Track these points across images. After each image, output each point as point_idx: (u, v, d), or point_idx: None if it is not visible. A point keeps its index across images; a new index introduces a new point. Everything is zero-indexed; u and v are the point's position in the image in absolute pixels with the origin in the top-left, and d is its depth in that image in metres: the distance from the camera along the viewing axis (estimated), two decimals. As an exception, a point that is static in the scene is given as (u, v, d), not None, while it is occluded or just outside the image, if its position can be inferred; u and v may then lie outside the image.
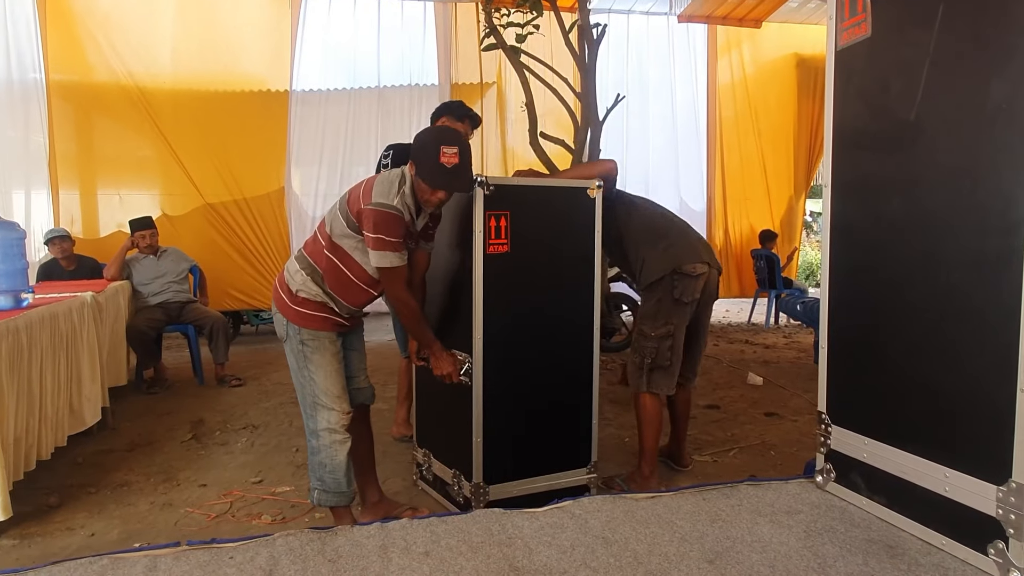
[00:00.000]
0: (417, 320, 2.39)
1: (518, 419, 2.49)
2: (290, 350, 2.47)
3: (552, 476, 2.51)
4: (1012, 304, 1.38)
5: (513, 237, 2.38)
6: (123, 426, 4.07)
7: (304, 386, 2.44)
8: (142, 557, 1.44)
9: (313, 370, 2.41)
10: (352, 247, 2.37)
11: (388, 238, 2.25)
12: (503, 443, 2.44)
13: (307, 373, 2.42)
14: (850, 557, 1.51)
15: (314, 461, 2.40)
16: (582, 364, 2.62)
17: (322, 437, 2.38)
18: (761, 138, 8.04)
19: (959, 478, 1.51)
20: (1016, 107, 1.36)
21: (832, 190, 1.85)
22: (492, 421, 2.41)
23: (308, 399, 2.43)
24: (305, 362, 2.42)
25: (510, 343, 2.46)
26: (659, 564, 1.47)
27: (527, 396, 2.51)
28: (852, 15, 1.75)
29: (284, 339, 2.48)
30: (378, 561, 1.45)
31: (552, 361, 2.56)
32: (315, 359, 2.41)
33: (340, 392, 2.43)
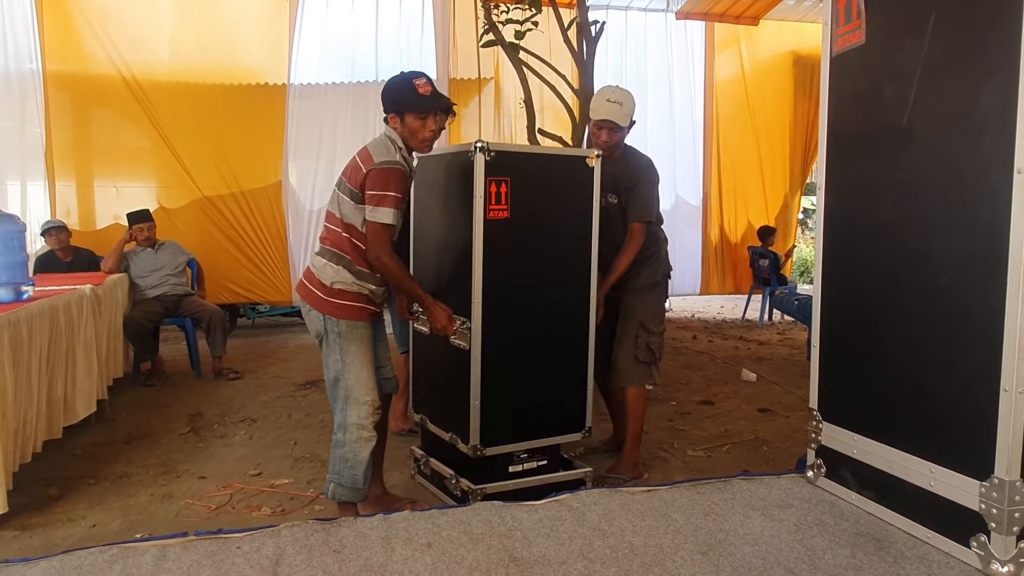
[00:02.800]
0: (404, 276, 2.44)
1: (515, 382, 2.54)
2: (327, 344, 2.50)
3: (548, 439, 2.60)
4: (997, 306, 1.43)
5: (513, 203, 2.44)
6: (121, 418, 4.09)
7: (339, 379, 2.48)
8: (151, 547, 1.47)
9: (349, 361, 2.45)
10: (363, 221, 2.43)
11: (394, 194, 2.33)
12: (500, 405, 2.49)
13: (343, 365, 2.46)
14: (839, 550, 1.56)
15: (336, 454, 2.43)
16: (578, 330, 2.67)
17: (350, 432, 2.41)
18: (757, 134, 8.08)
19: (944, 474, 1.56)
20: (1004, 116, 1.41)
21: (826, 191, 1.90)
22: (490, 383, 2.46)
23: (341, 392, 2.46)
24: (341, 354, 2.46)
25: (508, 307, 2.51)
26: (654, 555, 1.51)
27: (524, 360, 2.56)
28: (847, 22, 1.79)
29: (320, 335, 2.52)
30: (381, 552, 1.49)
31: (548, 327, 2.61)
32: (351, 349, 2.46)
33: (373, 384, 2.49)
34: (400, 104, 2.45)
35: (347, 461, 2.38)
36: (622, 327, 3.12)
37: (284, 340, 6.74)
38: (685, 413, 4.29)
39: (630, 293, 3.14)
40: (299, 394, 4.66)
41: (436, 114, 2.46)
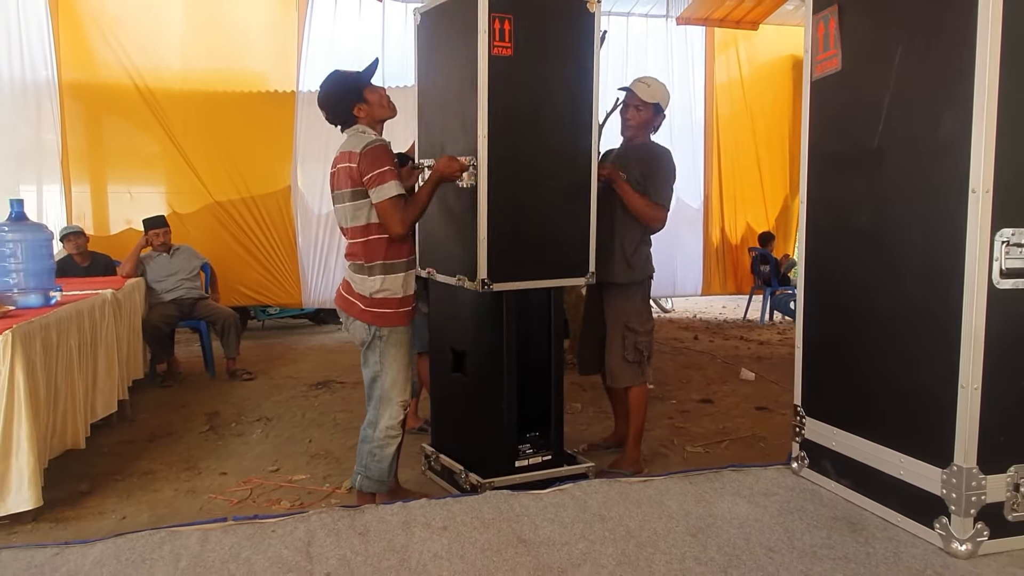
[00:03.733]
0: (425, 203, 2.56)
1: (520, 222, 2.62)
2: (369, 347, 2.63)
3: (553, 280, 2.71)
4: (955, 311, 1.59)
5: (516, 42, 2.52)
6: (141, 418, 4.26)
7: (376, 378, 2.63)
8: (195, 531, 1.64)
9: (388, 364, 2.60)
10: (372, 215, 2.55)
11: (389, 167, 2.45)
12: (506, 242, 2.57)
13: (382, 367, 2.61)
14: (815, 532, 1.72)
15: (364, 449, 2.59)
16: (580, 174, 2.72)
17: (379, 430, 2.58)
18: (757, 138, 8.21)
19: (911, 463, 1.72)
20: (961, 141, 1.57)
21: (808, 203, 2.06)
22: (495, 221, 2.53)
23: (377, 391, 2.62)
24: (382, 356, 2.60)
25: (512, 148, 2.57)
26: (648, 537, 1.68)
27: (528, 202, 2.64)
28: (825, 50, 1.94)
29: (364, 343, 2.64)
30: (402, 534, 1.65)
31: (550, 171, 2.67)
32: (391, 353, 2.61)
33: (406, 383, 2.66)
34: (354, 90, 2.58)
35: (375, 456, 2.54)
36: (609, 330, 3.20)
37: (294, 342, 6.90)
38: (685, 411, 4.44)
39: (614, 294, 3.19)
40: (311, 394, 4.83)
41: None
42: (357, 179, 2.49)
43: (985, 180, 1.55)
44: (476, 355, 3.08)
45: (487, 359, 2.98)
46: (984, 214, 1.56)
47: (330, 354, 6.29)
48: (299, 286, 6.88)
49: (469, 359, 3.13)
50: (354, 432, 3.81)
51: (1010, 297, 1.60)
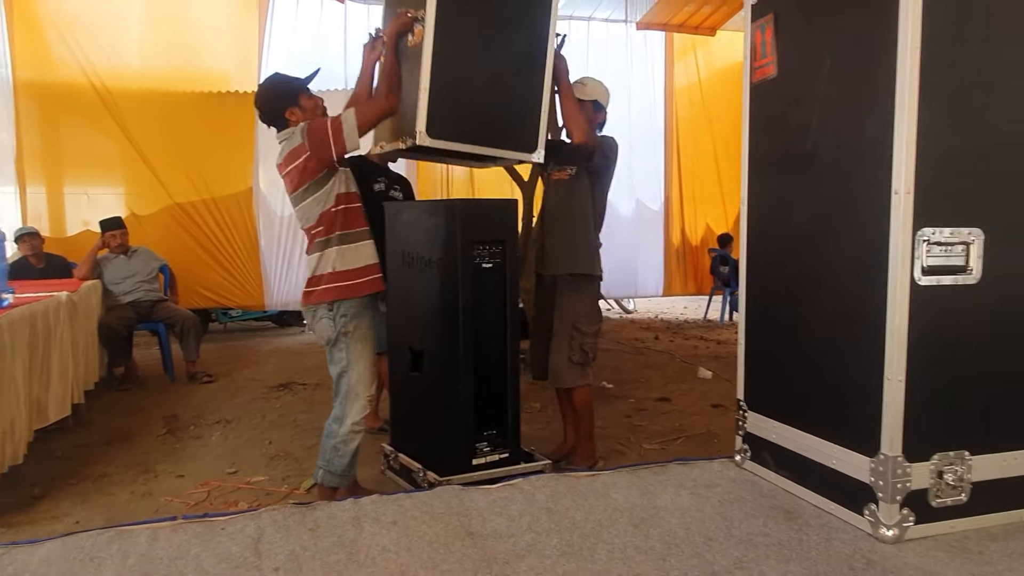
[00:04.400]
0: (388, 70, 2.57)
1: (465, 80, 2.53)
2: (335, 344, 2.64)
3: (497, 149, 2.63)
4: (881, 307, 1.68)
5: None
6: (98, 421, 4.21)
7: (344, 374, 2.65)
8: (145, 529, 1.65)
9: (355, 359, 2.63)
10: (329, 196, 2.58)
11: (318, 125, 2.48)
12: (449, 100, 2.49)
13: (348, 363, 2.63)
14: (753, 520, 1.79)
15: (328, 443, 2.64)
16: (535, 42, 2.64)
17: (346, 426, 2.62)
18: (715, 141, 8.37)
19: (843, 453, 1.80)
20: (883, 145, 1.65)
21: (748, 205, 2.14)
22: (439, 74, 2.44)
23: (344, 387, 2.66)
24: (348, 352, 2.63)
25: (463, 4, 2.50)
26: (592, 528, 1.73)
27: (477, 60, 2.55)
28: (762, 57, 2.02)
29: (330, 340, 2.64)
30: (352, 530, 1.68)
31: (504, 33, 2.60)
32: (358, 348, 2.63)
33: (372, 379, 2.71)
34: (290, 93, 2.63)
35: (338, 451, 2.60)
36: (557, 331, 3.20)
37: (257, 344, 6.86)
38: (642, 409, 4.53)
39: (566, 291, 3.19)
40: (272, 396, 4.81)
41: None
42: (311, 171, 2.52)
43: (907, 181, 1.63)
44: (433, 354, 3.12)
45: (444, 358, 3.02)
46: (906, 214, 1.64)
47: (293, 356, 6.26)
48: (261, 288, 6.84)
49: (426, 358, 3.16)
50: (315, 433, 3.82)
51: (931, 293, 1.69)
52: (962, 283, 1.74)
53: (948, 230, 1.70)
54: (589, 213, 3.19)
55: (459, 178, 7.57)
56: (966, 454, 1.77)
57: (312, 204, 2.58)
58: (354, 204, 2.70)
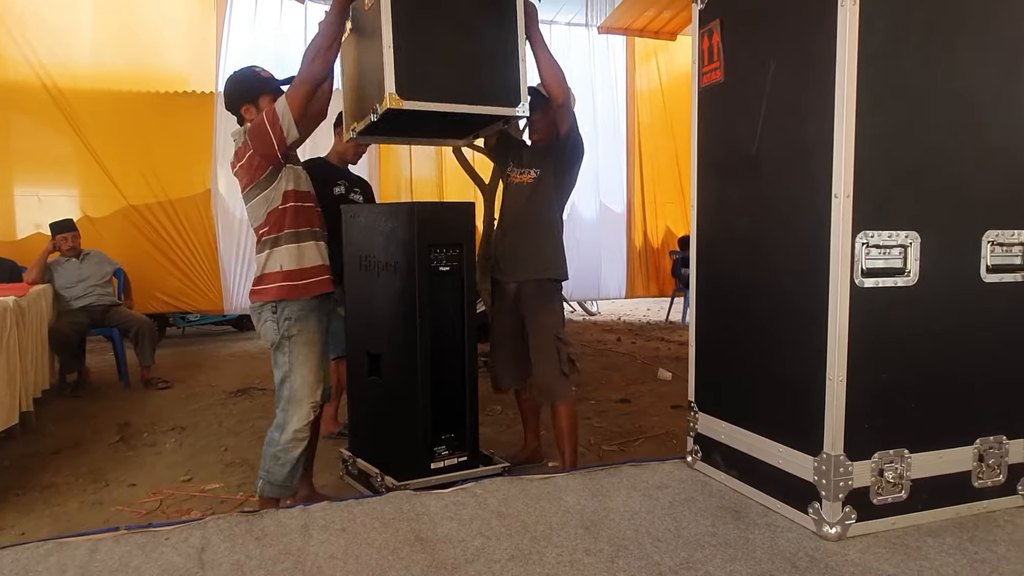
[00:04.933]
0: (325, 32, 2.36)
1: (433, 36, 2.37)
2: (278, 348, 2.56)
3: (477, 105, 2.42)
4: (822, 308, 1.71)
5: None
6: (48, 429, 4.10)
7: (286, 379, 2.57)
8: (84, 541, 1.61)
9: (298, 364, 2.54)
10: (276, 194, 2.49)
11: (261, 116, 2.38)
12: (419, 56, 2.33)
13: (290, 367, 2.54)
14: (701, 521, 1.82)
15: (269, 452, 2.53)
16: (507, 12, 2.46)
17: (287, 433, 2.53)
18: (677, 145, 8.47)
19: (788, 452, 1.84)
20: (823, 149, 1.69)
21: (697, 209, 2.17)
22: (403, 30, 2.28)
23: (286, 394, 2.56)
24: (291, 356, 2.54)
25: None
26: (543, 531, 1.73)
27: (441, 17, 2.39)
28: (710, 62, 2.06)
29: (273, 343, 2.56)
30: (300, 538, 1.66)
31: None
32: (302, 352, 2.54)
33: (316, 384, 2.60)
34: (251, 90, 2.53)
35: (279, 460, 2.49)
36: (539, 344, 3.05)
37: (215, 349, 6.74)
38: (602, 411, 4.56)
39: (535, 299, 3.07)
40: (230, 402, 4.73)
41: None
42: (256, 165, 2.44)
43: (846, 185, 1.67)
44: (391, 357, 3.10)
45: (401, 361, 3.01)
46: (846, 217, 1.68)
47: (252, 361, 6.17)
48: (220, 292, 6.73)
49: (384, 362, 3.15)
50: (273, 439, 3.79)
51: (870, 295, 1.73)
52: (901, 285, 1.78)
53: (887, 233, 1.75)
54: (555, 216, 3.11)
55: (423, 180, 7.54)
56: (905, 452, 1.81)
57: (260, 203, 2.51)
58: (305, 203, 2.62)
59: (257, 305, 2.58)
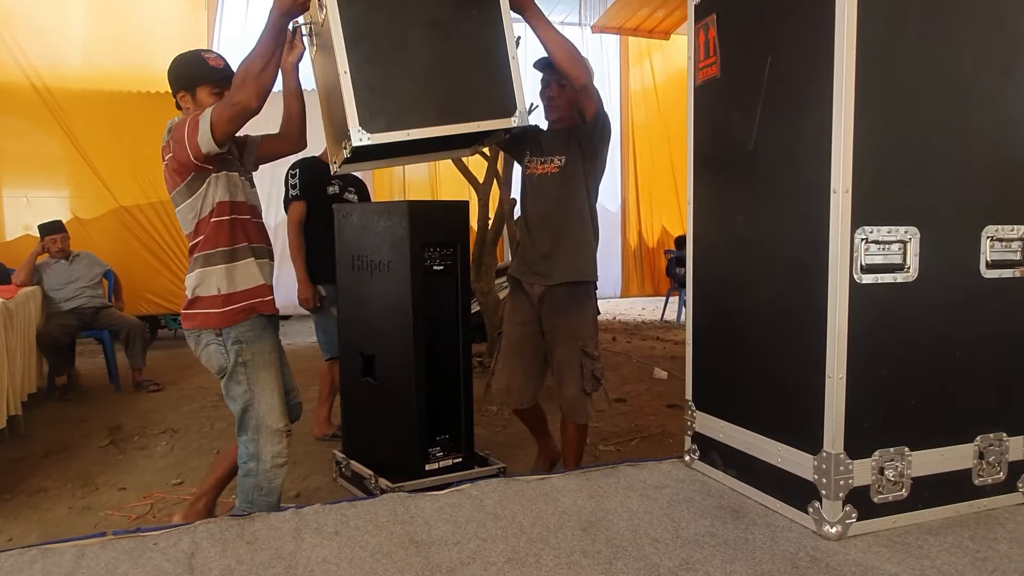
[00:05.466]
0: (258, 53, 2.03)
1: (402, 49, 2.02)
2: (231, 377, 2.28)
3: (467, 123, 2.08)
4: (821, 305, 1.69)
5: None
6: (36, 433, 4.05)
7: (248, 408, 2.29)
8: (70, 547, 1.57)
9: (259, 390, 2.28)
10: (203, 203, 2.21)
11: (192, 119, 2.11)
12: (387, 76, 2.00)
13: (252, 395, 2.28)
14: (700, 521, 1.79)
15: (247, 483, 2.28)
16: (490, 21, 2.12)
17: (265, 462, 2.28)
18: (671, 144, 8.48)
19: (788, 451, 1.81)
20: (822, 145, 1.67)
21: (693, 207, 2.15)
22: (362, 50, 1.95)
23: (251, 422, 2.29)
24: (249, 383, 2.27)
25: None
26: (540, 533, 1.71)
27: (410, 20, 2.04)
28: (706, 58, 2.03)
29: (223, 369, 2.28)
30: (292, 541, 1.63)
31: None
32: (260, 377, 2.28)
33: (284, 409, 2.35)
34: (190, 77, 2.25)
35: (262, 490, 2.26)
36: (563, 356, 2.74)
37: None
38: (599, 411, 4.54)
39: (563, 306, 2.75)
40: (222, 404, 4.68)
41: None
42: (175, 168, 2.18)
43: (845, 180, 1.65)
44: (385, 358, 3.07)
45: (396, 362, 2.98)
46: (844, 213, 1.66)
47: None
48: (212, 293, 6.68)
49: (378, 362, 3.12)
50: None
51: (870, 291, 1.71)
52: (900, 281, 1.76)
53: (886, 228, 1.73)
54: (587, 208, 2.76)
55: (417, 180, 7.51)
56: (906, 450, 1.79)
57: (186, 210, 2.24)
58: (243, 216, 2.31)
59: (194, 331, 2.29)
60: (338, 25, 1.91)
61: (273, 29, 2.04)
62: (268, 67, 2.02)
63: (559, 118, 2.79)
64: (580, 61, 2.47)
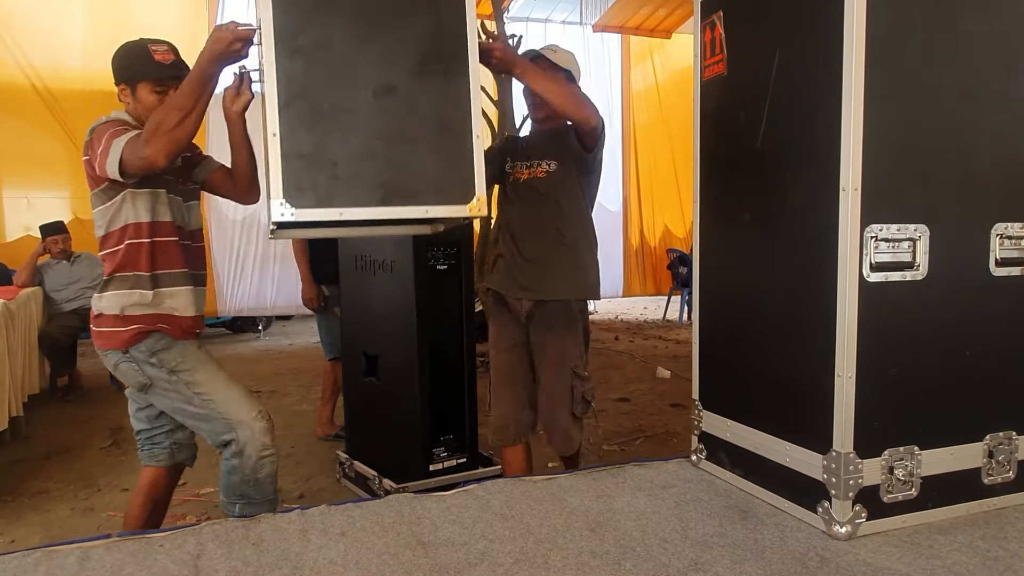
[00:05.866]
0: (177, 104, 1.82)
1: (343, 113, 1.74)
2: (160, 390, 2.08)
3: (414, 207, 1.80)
4: (830, 303, 1.68)
5: None
6: (38, 434, 4.05)
7: (204, 413, 2.08)
8: (75, 549, 1.56)
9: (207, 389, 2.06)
10: (114, 215, 2.03)
11: (113, 129, 1.94)
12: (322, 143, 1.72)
13: (201, 398, 2.06)
14: (708, 521, 1.78)
15: (234, 479, 2.10)
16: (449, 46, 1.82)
17: (249, 455, 2.07)
18: (673, 143, 8.47)
19: (796, 450, 1.80)
20: (831, 142, 1.66)
21: (700, 205, 2.13)
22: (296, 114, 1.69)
23: (218, 424, 2.08)
24: (190, 387, 2.05)
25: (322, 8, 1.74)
26: (547, 534, 1.70)
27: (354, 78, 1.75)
28: (712, 55, 2.02)
29: (145, 385, 2.09)
30: (298, 543, 1.62)
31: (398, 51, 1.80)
32: (198, 376, 2.07)
33: (245, 395, 2.14)
34: (131, 71, 2.06)
35: (251, 482, 2.08)
36: (553, 379, 2.49)
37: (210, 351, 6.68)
38: (602, 410, 4.53)
39: (553, 324, 2.49)
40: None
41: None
42: (92, 178, 2.03)
43: (854, 178, 1.64)
44: (388, 358, 3.07)
45: (399, 362, 2.97)
46: (853, 211, 1.64)
47: (246, 363, 6.12)
48: (214, 294, 6.67)
49: (381, 362, 3.11)
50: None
51: (879, 289, 1.70)
52: (909, 279, 1.75)
53: (895, 226, 1.71)
54: (584, 218, 2.52)
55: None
56: (915, 449, 1.78)
57: (98, 216, 2.08)
58: (167, 237, 2.08)
59: (101, 351, 2.12)
60: (273, 79, 1.66)
61: (199, 77, 1.80)
62: (185, 121, 1.81)
63: (547, 116, 2.54)
64: (586, 104, 2.31)
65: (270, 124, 1.66)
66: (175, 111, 1.80)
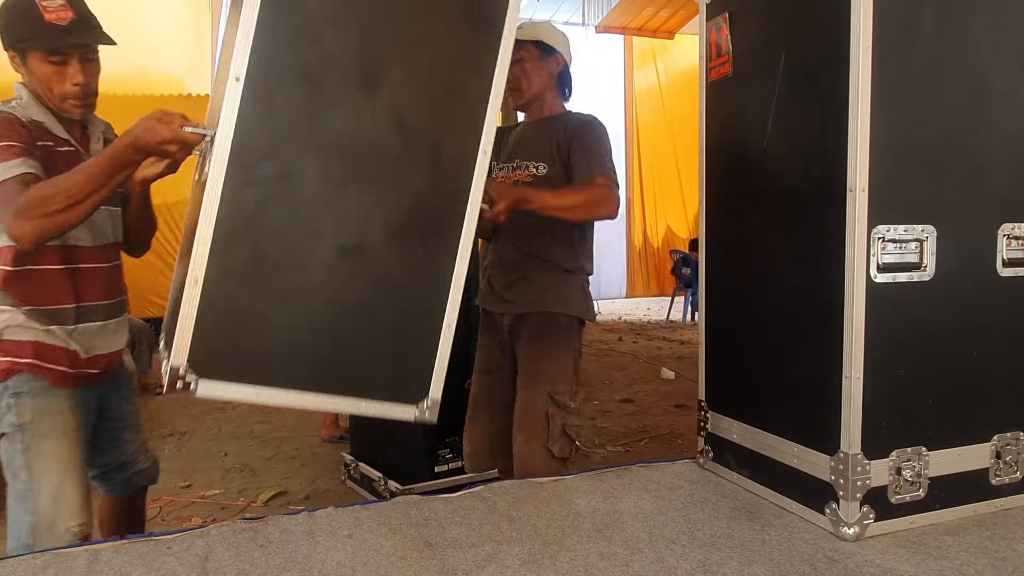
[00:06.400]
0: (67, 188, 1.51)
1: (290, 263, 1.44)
2: (6, 441, 1.72)
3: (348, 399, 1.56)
4: (836, 304, 1.68)
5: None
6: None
7: (23, 497, 1.69)
8: (83, 551, 1.56)
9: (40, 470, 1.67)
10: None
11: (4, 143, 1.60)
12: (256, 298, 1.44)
13: (30, 476, 1.68)
14: (715, 522, 1.78)
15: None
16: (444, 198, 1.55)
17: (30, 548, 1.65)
18: (676, 144, 8.47)
19: (804, 451, 1.80)
20: (837, 145, 1.66)
21: (707, 204, 2.13)
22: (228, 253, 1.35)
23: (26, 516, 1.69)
24: (27, 456, 1.67)
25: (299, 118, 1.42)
26: (555, 535, 1.70)
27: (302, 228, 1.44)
28: (718, 56, 2.02)
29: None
30: (305, 544, 1.62)
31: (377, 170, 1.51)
32: (44, 450, 1.68)
33: (82, 499, 1.74)
34: (16, 35, 1.68)
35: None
36: (525, 401, 2.23)
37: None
38: (607, 411, 4.52)
39: (539, 339, 2.26)
40: (229, 407, 4.68)
41: (85, 58, 1.68)
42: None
43: (861, 179, 1.64)
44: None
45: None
46: (861, 212, 1.64)
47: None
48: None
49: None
50: (273, 444, 3.73)
51: (886, 290, 1.70)
52: (916, 280, 1.75)
53: (902, 227, 1.71)
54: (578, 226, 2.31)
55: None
56: (923, 450, 1.78)
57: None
58: (53, 266, 1.78)
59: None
60: (214, 207, 1.31)
61: (109, 163, 1.52)
62: (75, 209, 1.50)
63: (529, 100, 2.26)
64: (604, 201, 2.13)
65: (195, 266, 1.31)
66: (63, 195, 1.48)
